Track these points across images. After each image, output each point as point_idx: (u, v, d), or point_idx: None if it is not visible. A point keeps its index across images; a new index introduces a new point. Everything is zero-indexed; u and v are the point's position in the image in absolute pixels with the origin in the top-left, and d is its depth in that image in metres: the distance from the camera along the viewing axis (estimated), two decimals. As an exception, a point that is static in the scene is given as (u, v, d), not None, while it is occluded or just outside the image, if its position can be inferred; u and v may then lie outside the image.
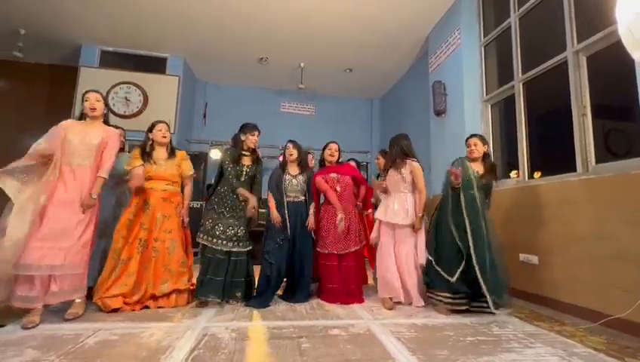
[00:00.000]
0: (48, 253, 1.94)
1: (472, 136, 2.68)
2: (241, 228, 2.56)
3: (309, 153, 3.44)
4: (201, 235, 2.52)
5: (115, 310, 2.18)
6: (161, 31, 4.72)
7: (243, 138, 2.66)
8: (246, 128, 2.68)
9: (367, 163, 6.55)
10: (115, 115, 5.00)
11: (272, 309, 2.43)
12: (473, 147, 2.60)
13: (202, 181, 5.44)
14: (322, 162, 3.03)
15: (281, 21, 4.37)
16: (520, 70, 3.26)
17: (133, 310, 2.24)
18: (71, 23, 4.55)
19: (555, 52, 2.85)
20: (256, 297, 2.58)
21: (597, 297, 2.23)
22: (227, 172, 2.58)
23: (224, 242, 2.49)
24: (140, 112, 5.09)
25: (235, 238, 2.52)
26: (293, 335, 1.89)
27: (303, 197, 2.82)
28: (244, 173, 2.64)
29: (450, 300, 2.38)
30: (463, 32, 3.83)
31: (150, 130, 2.57)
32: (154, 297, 2.32)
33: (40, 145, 2.09)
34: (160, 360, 1.53)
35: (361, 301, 2.70)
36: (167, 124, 2.62)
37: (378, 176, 3.40)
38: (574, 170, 2.59)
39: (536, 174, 3.23)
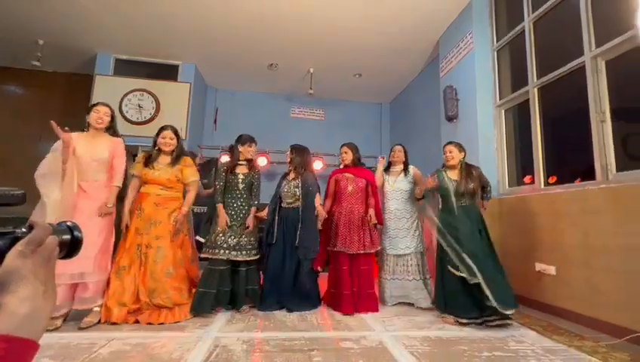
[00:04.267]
0: (77, 261, 2.00)
1: (447, 143, 2.74)
2: (244, 236, 2.60)
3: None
4: (206, 249, 2.56)
5: (114, 323, 2.14)
6: (173, 39, 4.80)
7: (241, 149, 2.77)
8: (243, 140, 2.78)
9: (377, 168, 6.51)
10: (129, 121, 5.10)
11: (283, 319, 2.42)
12: (448, 154, 2.65)
13: (214, 186, 5.49)
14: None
15: (290, 27, 4.39)
16: (535, 75, 3.19)
17: (127, 322, 2.17)
18: (87, 33, 4.67)
19: (571, 57, 2.77)
20: (261, 302, 2.64)
21: (621, 311, 2.14)
22: (220, 180, 2.69)
23: (226, 251, 2.51)
24: (152, 119, 5.17)
25: (237, 247, 2.55)
26: (305, 348, 1.87)
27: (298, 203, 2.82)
28: (241, 181, 2.72)
29: (457, 318, 2.37)
30: (476, 35, 3.77)
31: (157, 135, 2.57)
32: (150, 307, 2.25)
33: (57, 156, 2.13)
34: (172, 373, 1.54)
35: (375, 309, 2.67)
36: (172, 130, 2.57)
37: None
38: (593, 177, 2.51)
39: (550, 180, 3.15)
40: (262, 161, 5.51)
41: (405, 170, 3.17)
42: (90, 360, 1.64)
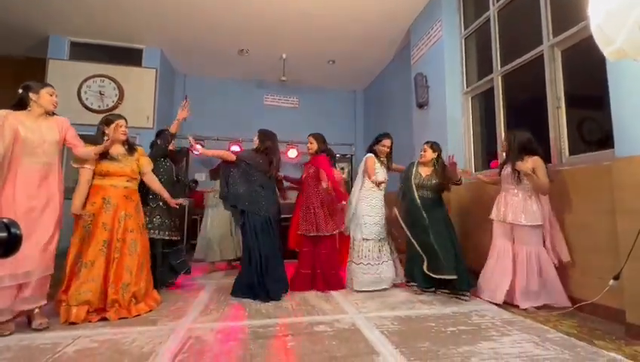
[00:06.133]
0: (22, 259, 1.87)
1: (425, 142, 3.02)
2: (176, 219, 2.98)
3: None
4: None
5: (73, 323, 2.03)
6: (135, 21, 4.50)
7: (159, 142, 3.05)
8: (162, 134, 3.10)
9: (351, 155, 6.57)
10: (89, 110, 4.80)
11: (257, 307, 2.43)
12: (422, 153, 2.96)
13: (185, 176, 5.31)
14: None
15: (260, 11, 4.25)
16: (499, 63, 3.31)
17: (90, 321, 2.08)
18: (37, 12, 4.27)
19: (532, 45, 2.89)
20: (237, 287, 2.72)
21: (571, 283, 2.34)
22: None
23: (163, 232, 2.82)
24: (115, 107, 4.89)
25: (174, 228, 2.92)
26: (279, 334, 1.90)
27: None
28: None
29: (419, 289, 2.78)
30: (444, 24, 3.83)
31: (106, 124, 2.39)
32: (118, 303, 2.17)
33: None
34: (143, 367, 1.51)
35: (337, 288, 2.88)
36: (125, 119, 2.48)
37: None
38: (550, 160, 2.68)
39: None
40: (235, 149, 5.38)
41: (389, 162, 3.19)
42: (53, 361, 1.58)
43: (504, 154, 2.66)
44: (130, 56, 5.12)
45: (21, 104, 2.07)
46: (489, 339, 1.81)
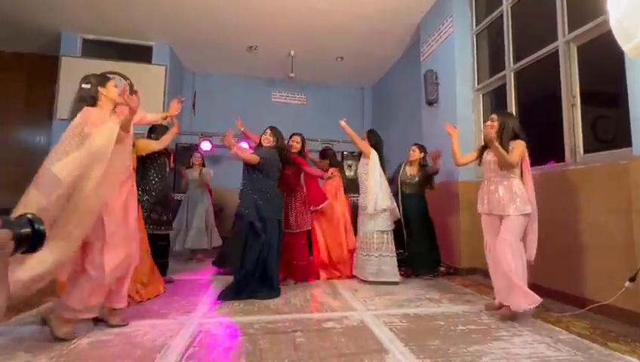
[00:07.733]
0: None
1: (414, 144, 3.53)
2: (167, 213, 3.01)
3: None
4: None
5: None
6: (145, 18, 4.54)
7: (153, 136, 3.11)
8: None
9: (359, 152, 6.52)
10: (100, 106, 4.86)
11: (267, 303, 2.44)
12: (411, 152, 3.45)
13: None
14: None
15: (270, 7, 4.24)
16: (512, 59, 3.24)
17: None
18: (49, 9, 4.33)
19: (546, 41, 2.83)
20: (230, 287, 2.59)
21: (584, 284, 2.30)
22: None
23: (152, 226, 2.82)
24: (126, 104, 4.95)
25: (159, 222, 2.93)
26: (288, 330, 1.91)
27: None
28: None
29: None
30: (455, 19, 3.77)
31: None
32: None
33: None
34: (155, 360, 1.54)
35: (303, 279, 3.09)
36: None
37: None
38: (563, 159, 2.62)
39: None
40: (244, 146, 5.40)
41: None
42: (68, 352, 1.61)
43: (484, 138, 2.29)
44: (140, 54, 5.17)
45: (91, 100, 1.92)
46: (500, 339, 1.79)
